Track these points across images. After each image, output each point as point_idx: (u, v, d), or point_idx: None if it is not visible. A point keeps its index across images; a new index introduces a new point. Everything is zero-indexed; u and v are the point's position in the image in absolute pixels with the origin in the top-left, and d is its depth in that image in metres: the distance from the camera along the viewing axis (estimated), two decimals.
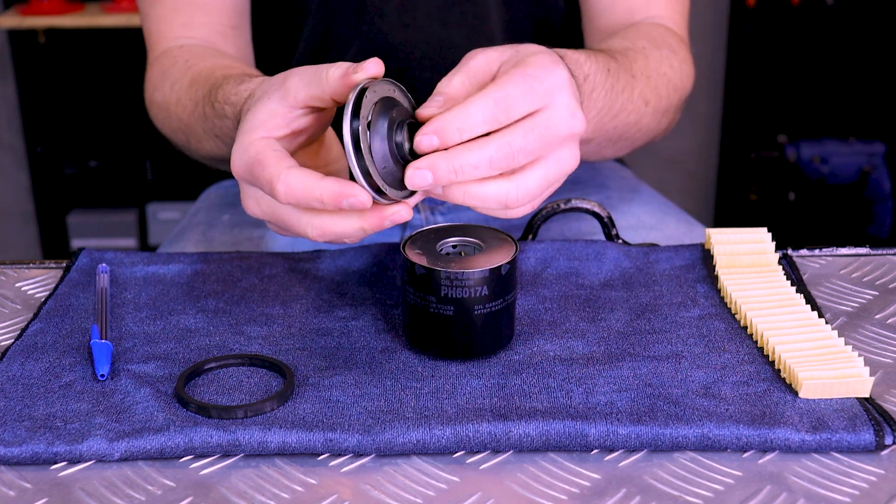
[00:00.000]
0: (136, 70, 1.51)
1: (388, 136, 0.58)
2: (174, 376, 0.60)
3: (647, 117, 0.85)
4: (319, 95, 0.60)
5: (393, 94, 0.60)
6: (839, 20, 2.43)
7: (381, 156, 0.58)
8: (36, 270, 0.77)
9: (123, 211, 2.65)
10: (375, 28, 0.94)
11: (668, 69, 0.87)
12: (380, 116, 0.58)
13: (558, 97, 0.59)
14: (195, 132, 0.85)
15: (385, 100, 0.58)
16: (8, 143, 2.66)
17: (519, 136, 0.57)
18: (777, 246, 0.75)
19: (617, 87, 0.77)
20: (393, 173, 0.59)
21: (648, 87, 0.83)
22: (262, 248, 0.91)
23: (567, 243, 0.76)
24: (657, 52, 0.87)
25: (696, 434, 0.54)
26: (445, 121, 0.56)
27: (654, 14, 0.96)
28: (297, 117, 0.62)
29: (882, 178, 2.52)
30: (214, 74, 0.82)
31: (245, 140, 0.61)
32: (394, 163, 0.59)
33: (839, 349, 0.61)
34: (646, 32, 0.90)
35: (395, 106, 0.59)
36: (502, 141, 0.57)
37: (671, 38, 0.92)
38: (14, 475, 0.52)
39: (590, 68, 0.73)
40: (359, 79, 0.58)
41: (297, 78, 0.61)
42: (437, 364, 0.62)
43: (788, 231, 2.56)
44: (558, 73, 0.60)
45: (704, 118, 2.67)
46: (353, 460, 0.54)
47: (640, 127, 0.85)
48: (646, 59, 0.84)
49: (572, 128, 0.59)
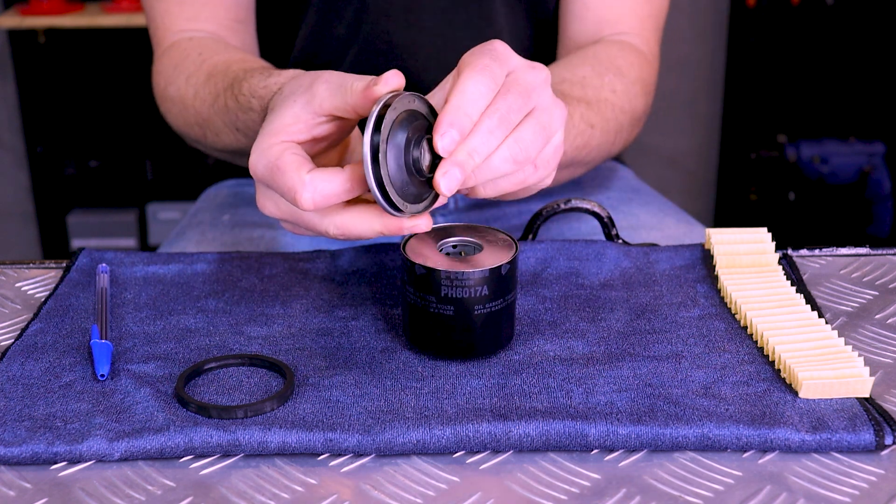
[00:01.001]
0: (136, 70, 1.51)
1: (406, 151, 0.58)
2: (174, 376, 0.60)
3: (595, 139, 0.86)
4: (343, 107, 0.60)
5: (414, 107, 0.59)
6: (839, 20, 2.43)
7: (398, 171, 0.58)
8: (36, 270, 0.77)
9: (123, 211, 2.65)
10: (379, 28, 0.94)
11: (610, 94, 0.88)
12: (399, 131, 0.58)
13: (513, 60, 0.61)
14: (214, 125, 0.85)
15: (407, 114, 0.58)
16: (8, 143, 2.66)
17: (501, 100, 0.59)
18: (777, 246, 0.75)
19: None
20: (410, 189, 0.59)
21: (590, 111, 0.85)
22: (262, 248, 0.91)
23: (567, 243, 0.76)
24: (597, 81, 0.88)
25: (696, 434, 0.54)
26: (451, 112, 0.57)
27: (623, 30, 0.96)
28: (320, 124, 0.62)
29: (882, 178, 2.52)
30: (232, 68, 0.82)
31: (265, 142, 0.61)
32: (409, 178, 0.59)
33: (839, 349, 0.61)
34: (593, 56, 0.91)
35: (415, 121, 0.59)
36: (491, 109, 0.58)
37: (622, 61, 0.92)
38: (14, 475, 0.52)
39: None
40: (380, 92, 0.58)
41: (324, 85, 0.61)
42: (437, 364, 0.62)
43: (788, 231, 2.56)
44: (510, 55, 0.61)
45: (704, 118, 2.67)
46: (353, 460, 0.54)
47: (590, 149, 0.86)
48: (583, 88, 0.86)
49: (538, 73, 0.61)
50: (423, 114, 0.60)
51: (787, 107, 2.54)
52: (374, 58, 0.94)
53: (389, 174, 0.57)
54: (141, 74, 0.97)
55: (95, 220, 2.63)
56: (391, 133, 0.57)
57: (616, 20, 0.96)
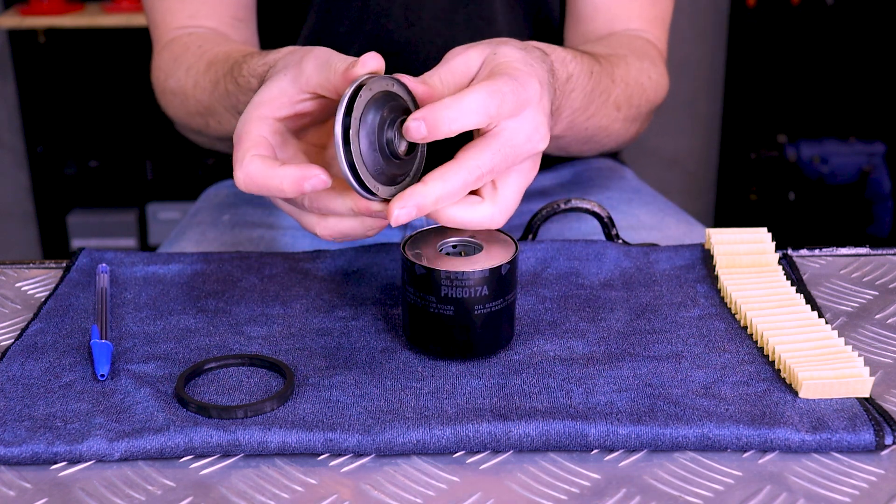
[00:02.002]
0: (136, 70, 1.51)
1: (379, 132, 0.58)
2: (174, 376, 0.60)
3: (617, 123, 0.87)
4: (326, 85, 0.61)
5: (392, 89, 0.60)
6: (839, 20, 2.43)
7: (371, 153, 0.58)
8: (36, 270, 0.77)
9: (123, 211, 2.65)
10: (380, 27, 0.94)
11: (647, 80, 0.89)
12: (371, 112, 0.58)
13: (527, 112, 0.60)
14: (216, 111, 0.86)
15: (382, 96, 0.59)
16: (8, 143, 2.66)
17: (487, 159, 0.59)
18: (777, 246, 0.75)
19: (596, 91, 0.80)
20: (384, 171, 0.59)
21: (624, 95, 0.85)
22: (262, 248, 0.91)
23: (567, 243, 0.76)
24: (638, 63, 0.89)
25: (696, 434, 0.54)
26: (436, 109, 0.57)
27: (635, 27, 0.97)
28: (304, 100, 0.63)
29: (882, 178, 2.52)
30: (232, 55, 0.82)
31: (247, 112, 0.63)
32: (384, 160, 0.59)
33: (839, 349, 0.61)
34: (628, 42, 0.93)
35: (390, 102, 0.59)
36: (472, 164, 0.58)
37: (652, 51, 0.94)
38: (14, 475, 0.52)
39: (574, 68, 0.74)
40: (357, 73, 0.58)
41: (312, 62, 0.62)
42: (437, 364, 0.62)
43: (788, 231, 2.56)
44: (532, 85, 0.60)
45: (704, 118, 2.67)
46: (353, 460, 0.54)
47: (609, 132, 0.87)
48: (626, 67, 0.86)
49: (536, 145, 0.61)
50: (401, 96, 0.60)
51: (787, 107, 2.54)
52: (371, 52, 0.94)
53: (362, 155, 0.57)
54: (141, 74, 0.97)
55: (95, 220, 2.64)
56: (364, 113, 0.57)
57: (627, 18, 0.97)
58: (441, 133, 0.57)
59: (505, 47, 0.63)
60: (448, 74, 0.62)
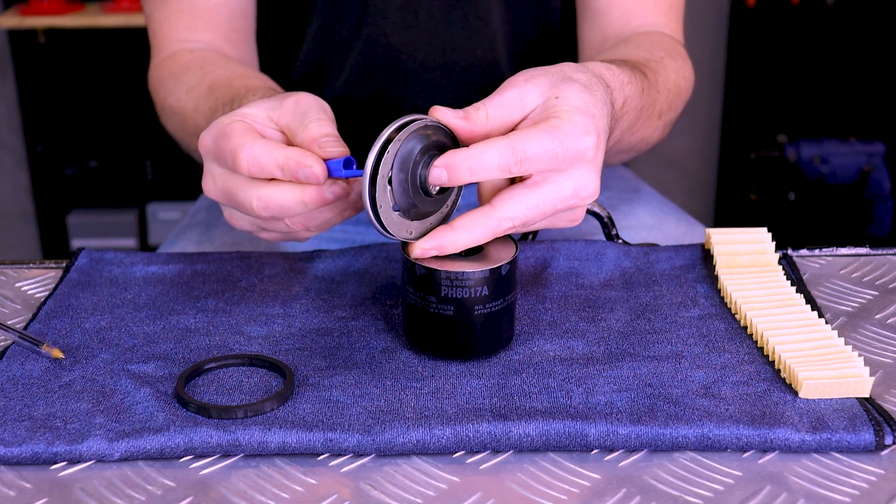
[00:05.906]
0: (136, 70, 1.51)
1: (412, 171, 0.58)
2: (174, 376, 0.60)
3: (658, 131, 0.87)
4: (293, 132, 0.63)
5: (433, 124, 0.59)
6: (839, 20, 2.43)
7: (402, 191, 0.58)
8: (36, 270, 0.77)
9: (123, 211, 2.65)
10: (378, 29, 0.94)
11: (683, 81, 0.88)
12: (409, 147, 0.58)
13: (576, 169, 0.59)
14: None
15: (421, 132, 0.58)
16: (8, 143, 2.66)
17: (522, 211, 0.58)
18: (777, 246, 0.75)
19: (645, 107, 0.78)
20: (415, 205, 0.59)
21: (666, 102, 0.84)
22: (262, 248, 0.91)
23: (567, 243, 0.76)
24: (674, 64, 0.87)
25: (696, 434, 0.54)
26: (458, 158, 0.57)
27: (652, 22, 0.96)
28: (273, 129, 0.65)
29: (882, 178, 2.52)
30: (234, 84, 0.83)
31: (223, 118, 0.64)
32: (415, 196, 0.59)
33: (839, 349, 0.61)
34: (657, 41, 0.91)
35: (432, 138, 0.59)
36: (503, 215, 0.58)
37: (679, 47, 0.93)
38: (14, 475, 0.52)
39: (630, 91, 0.72)
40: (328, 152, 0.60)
41: (292, 105, 0.64)
42: (437, 364, 0.62)
43: (788, 231, 2.56)
44: (586, 141, 0.58)
45: (704, 118, 2.67)
46: (353, 460, 0.54)
47: (649, 141, 0.87)
48: (666, 72, 0.85)
49: (579, 202, 0.60)
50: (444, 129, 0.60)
51: (787, 107, 2.54)
52: (373, 59, 0.94)
53: (393, 195, 0.58)
54: (141, 74, 0.97)
55: (95, 221, 2.63)
56: (400, 150, 0.57)
57: (643, 12, 0.95)
58: (463, 181, 0.57)
59: (569, 90, 0.60)
60: (496, 109, 0.60)
